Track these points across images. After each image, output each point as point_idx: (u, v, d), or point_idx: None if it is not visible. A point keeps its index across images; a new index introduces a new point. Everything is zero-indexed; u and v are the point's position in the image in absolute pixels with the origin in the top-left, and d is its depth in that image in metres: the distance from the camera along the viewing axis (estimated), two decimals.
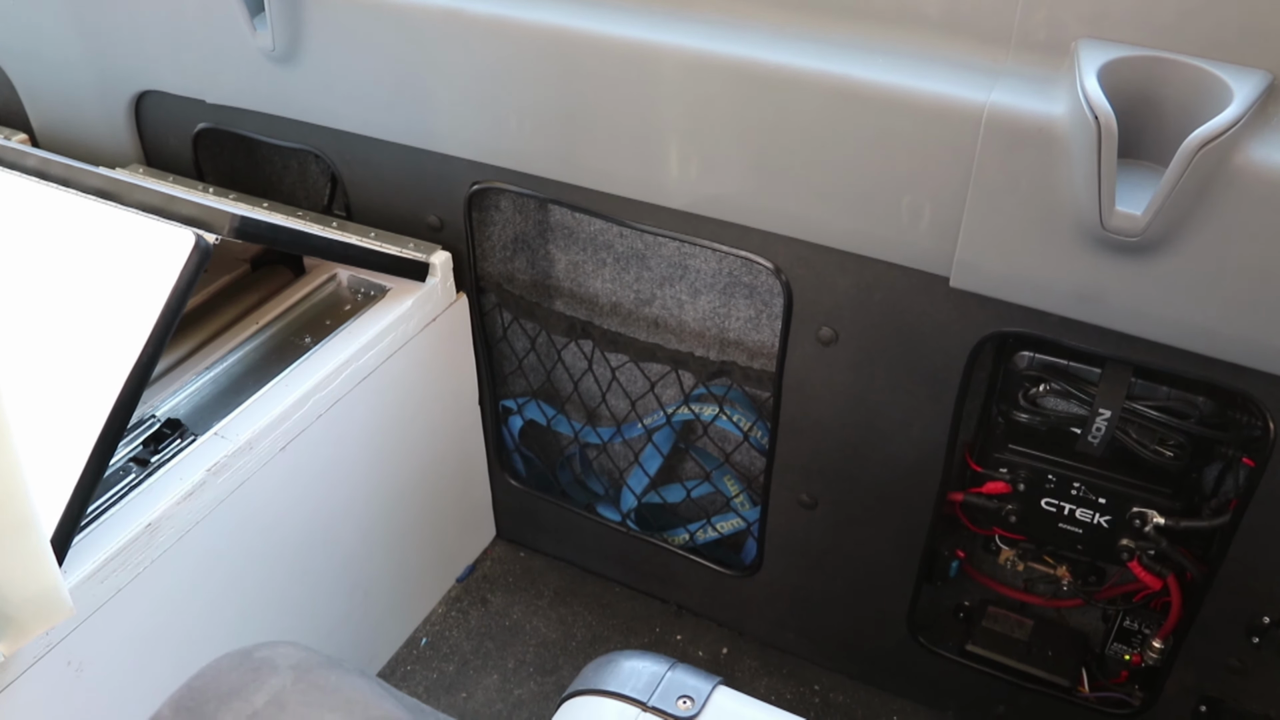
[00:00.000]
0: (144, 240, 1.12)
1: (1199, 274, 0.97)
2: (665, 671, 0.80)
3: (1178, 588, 1.25)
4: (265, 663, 0.72)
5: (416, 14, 1.23)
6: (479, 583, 1.71)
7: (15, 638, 0.95)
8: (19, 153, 1.30)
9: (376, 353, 1.34)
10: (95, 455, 1.03)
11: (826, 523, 1.39)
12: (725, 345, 1.48)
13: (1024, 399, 1.22)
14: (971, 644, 1.42)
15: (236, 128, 1.51)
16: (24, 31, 1.58)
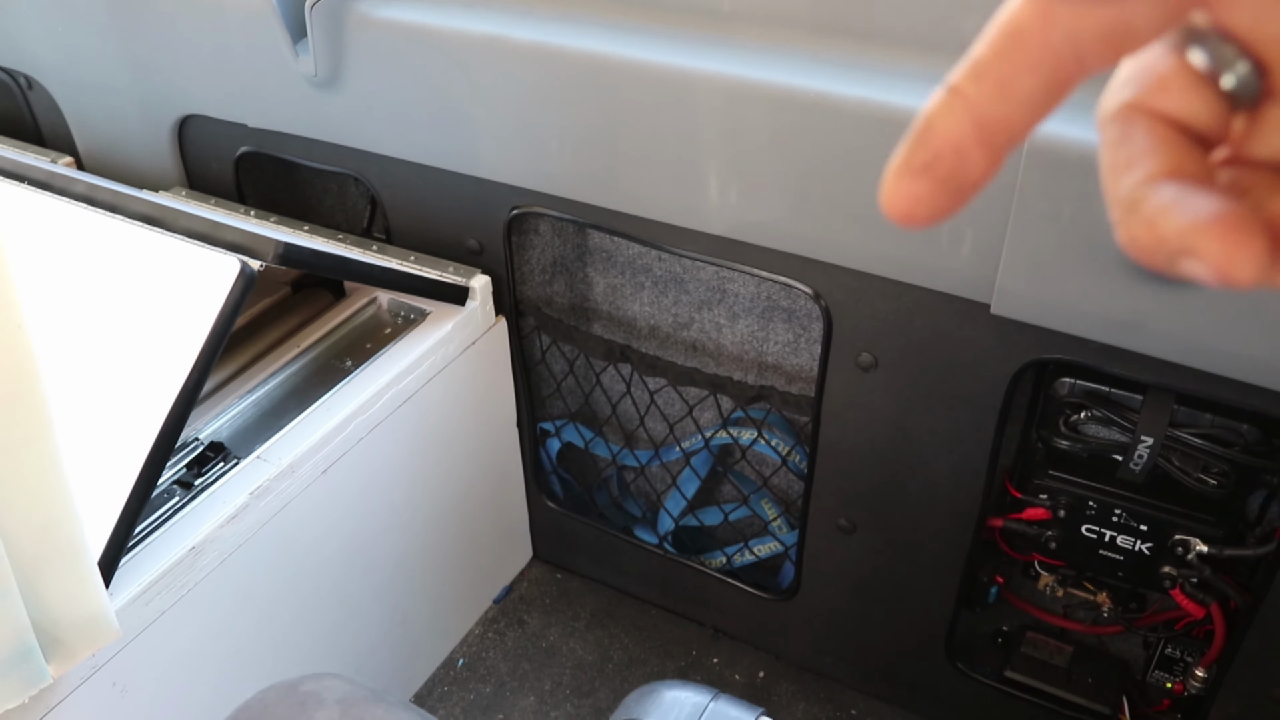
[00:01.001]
0: (190, 267, 1.13)
1: (1242, 301, 0.96)
2: (708, 702, 0.80)
3: (1221, 616, 1.24)
4: (311, 696, 0.73)
5: (458, 41, 1.24)
6: (516, 604, 1.71)
7: (63, 660, 0.96)
8: (67, 179, 1.32)
9: (417, 376, 1.35)
10: (142, 479, 1.04)
11: (865, 547, 1.39)
12: (764, 369, 1.48)
13: (1065, 425, 1.21)
14: (1010, 670, 1.41)
15: (278, 151, 1.52)
16: (70, 57, 1.61)
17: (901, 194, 0.28)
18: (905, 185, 0.27)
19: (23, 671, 0.92)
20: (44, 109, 1.76)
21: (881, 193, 0.28)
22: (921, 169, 0.27)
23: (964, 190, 0.28)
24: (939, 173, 0.27)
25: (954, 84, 0.27)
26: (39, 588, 0.90)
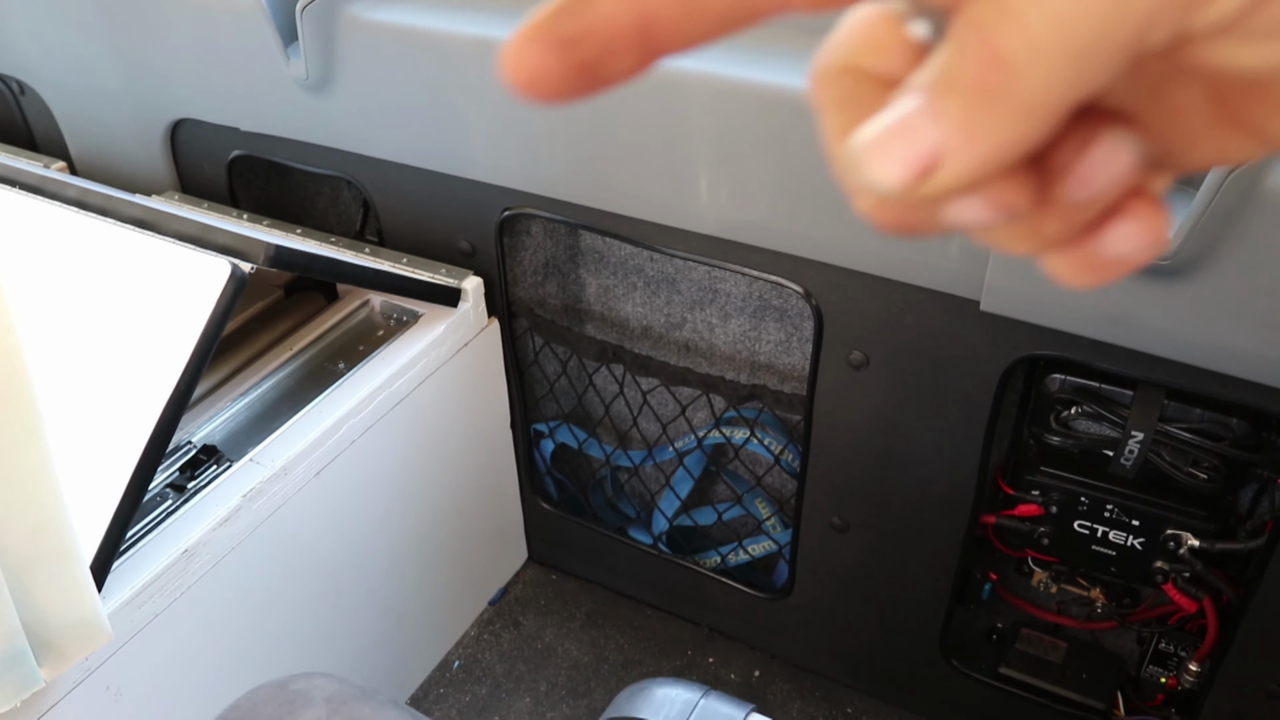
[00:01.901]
0: (181, 269, 1.14)
1: (1231, 296, 0.96)
2: (698, 699, 0.80)
3: (1214, 610, 1.24)
4: (300, 695, 0.73)
5: (449, 43, 1.24)
6: (511, 605, 1.71)
7: (56, 664, 0.96)
8: (59, 183, 1.32)
9: (409, 378, 1.35)
10: (134, 482, 1.04)
11: (858, 545, 1.39)
12: (756, 369, 1.48)
13: (1056, 421, 1.22)
14: (1005, 667, 1.41)
15: (270, 155, 1.53)
16: (63, 63, 1.61)
17: (528, 62, 0.24)
18: (536, 55, 0.24)
19: (14, 675, 0.92)
20: (36, 114, 1.76)
21: (504, 52, 0.24)
22: (561, 43, 0.24)
23: (597, 83, 0.24)
24: (577, 55, 0.24)
25: None
26: (30, 590, 0.90)
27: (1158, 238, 0.25)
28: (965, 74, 0.21)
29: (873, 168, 0.22)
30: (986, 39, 0.21)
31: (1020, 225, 0.25)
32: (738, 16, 0.24)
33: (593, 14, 0.23)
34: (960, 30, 0.21)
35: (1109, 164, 0.24)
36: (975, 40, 0.21)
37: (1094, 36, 0.20)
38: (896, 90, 0.23)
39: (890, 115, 0.22)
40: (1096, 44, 0.20)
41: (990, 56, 0.21)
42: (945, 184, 0.22)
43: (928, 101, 0.22)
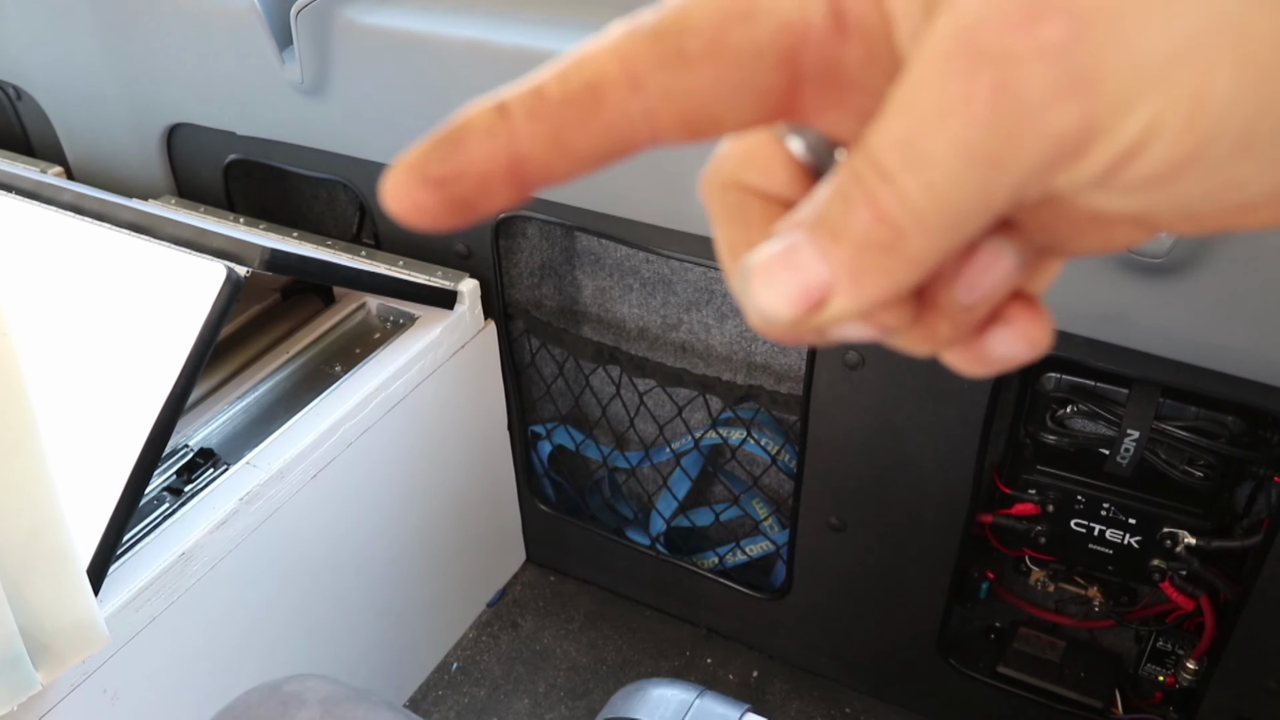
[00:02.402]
0: (177, 273, 1.14)
1: (1225, 294, 0.97)
2: (693, 699, 0.80)
3: (1211, 608, 1.24)
4: (294, 697, 0.73)
5: (443, 46, 1.25)
6: (509, 607, 1.71)
7: (53, 667, 0.96)
8: (55, 188, 1.33)
9: (406, 381, 1.35)
10: (131, 485, 1.04)
11: (856, 545, 1.39)
12: (752, 369, 1.48)
13: (1051, 420, 1.22)
14: (1003, 665, 1.41)
15: (266, 159, 1.53)
16: (59, 67, 1.61)
17: (406, 196, 0.24)
18: (411, 190, 0.24)
19: (11, 678, 0.92)
20: (33, 119, 1.76)
21: (385, 183, 0.24)
22: (435, 181, 0.24)
23: (474, 214, 0.25)
24: (452, 193, 0.24)
25: (506, 104, 0.24)
26: (27, 594, 0.90)
27: (1036, 342, 0.26)
28: (851, 226, 0.22)
29: (761, 296, 0.24)
30: (869, 197, 0.22)
31: (915, 331, 0.26)
32: (608, 152, 0.24)
33: (463, 156, 0.24)
34: (843, 180, 0.22)
35: (991, 270, 0.25)
36: (858, 195, 0.22)
37: (968, 204, 0.21)
38: (782, 211, 0.25)
39: (777, 247, 0.23)
40: (971, 209, 0.21)
41: (874, 215, 0.22)
42: (831, 318, 0.23)
43: (814, 242, 0.23)
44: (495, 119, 0.24)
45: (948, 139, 0.21)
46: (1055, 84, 0.20)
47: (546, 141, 0.24)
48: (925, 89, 0.21)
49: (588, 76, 0.24)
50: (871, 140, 0.22)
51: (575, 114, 0.24)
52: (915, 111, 0.21)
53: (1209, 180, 0.21)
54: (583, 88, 0.24)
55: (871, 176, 0.22)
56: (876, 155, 0.22)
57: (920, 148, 0.21)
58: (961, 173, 0.21)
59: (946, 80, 0.20)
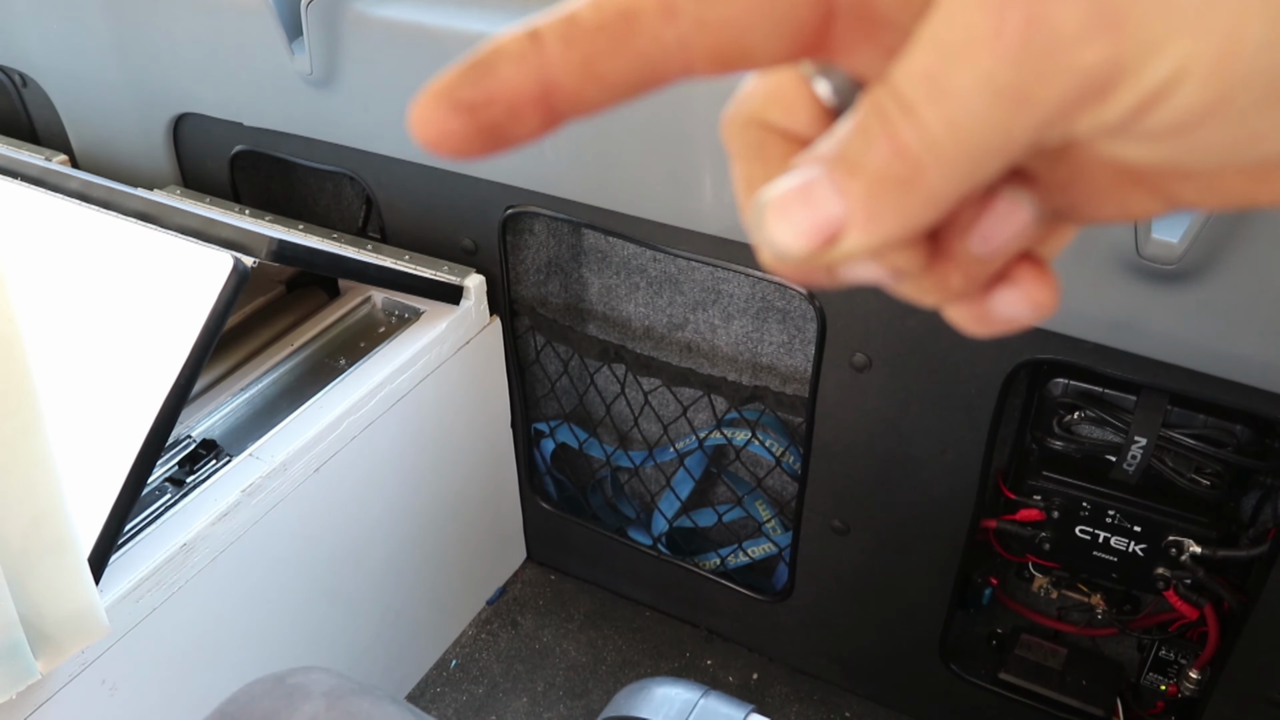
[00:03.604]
0: (183, 263, 1.13)
1: (1236, 301, 0.96)
2: (698, 699, 0.80)
3: (1215, 618, 1.23)
4: (298, 689, 0.73)
5: (453, 39, 1.24)
6: (509, 605, 1.71)
7: (52, 656, 0.96)
8: (62, 175, 1.32)
9: (410, 375, 1.35)
10: (133, 475, 1.04)
11: (859, 548, 1.38)
12: (758, 370, 1.48)
13: (1058, 426, 1.21)
14: (1004, 672, 1.41)
15: (273, 150, 1.52)
16: (66, 55, 1.60)
17: (434, 122, 0.24)
18: (440, 115, 0.24)
19: (10, 667, 0.92)
20: (39, 107, 1.76)
21: (412, 110, 0.24)
22: (465, 106, 0.24)
23: (503, 142, 0.25)
24: (482, 118, 0.24)
25: (539, 31, 0.24)
26: (27, 582, 0.90)
27: (1041, 306, 0.26)
28: (869, 160, 0.22)
29: (774, 230, 0.24)
30: (889, 130, 0.22)
31: (926, 279, 0.26)
32: (639, 82, 0.24)
33: (494, 80, 0.24)
34: (864, 114, 0.22)
35: (1008, 221, 0.25)
36: (878, 129, 0.22)
37: (989, 141, 0.21)
38: (802, 150, 0.24)
39: (793, 182, 0.23)
40: (991, 147, 0.21)
41: (893, 149, 0.22)
42: (844, 254, 0.23)
43: (831, 177, 0.23)
44: (527, 44, 0.23)
45: (974, 73, 0.21)
46: (1086, 21, 0.20)
47: (578, 68, 0.24)
48: (954, 22, 0.21)
49: (622, 4, 0.23)
50: (896, 73, 0.22)
51: (608, 41, 0.23)
52: (942, 44, 0.21)
53: (1233, 131, 0.21)
54: (617, 15, 0.23)
55: (893, 108, 0.22)
56: (899, 87, 0.21)
57: (945, 81, 0.21)
58: (985, 108, 0.21)
59: (976, 13, 0.20)
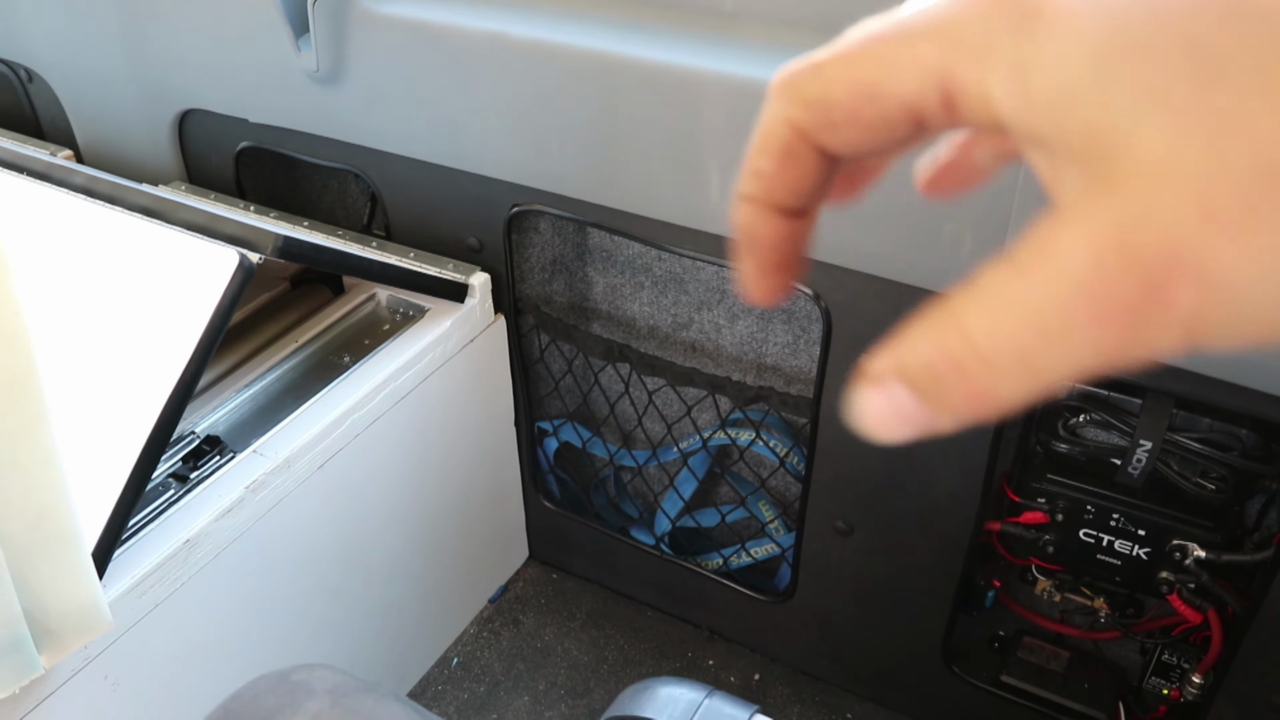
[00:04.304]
0: (189, 258, 1.13)
1: None
2: (702, 699, 0.80)
3: (1219, 622, 1.23)
4: (302, 686, 0.73)
5: (460, 37, 1.24)
6: (511, 604, 1.71)
7: (55, 651, 0.96)
8: (67, 170, 1.32)
9: (415, 373, 1.35)
10: (137, 471, 1.04)
11: (862, 550, 1.38)
12: (763, 370, 1.48)
13: (1063, 429, 1.21)
14: (1006, 675, 1.40)
15: (278, 147, 1.52)
16: (71, 51, 1.60)
17: (756, 291, 0.32)
18: (754, 282, 0.32)
19: (14, 661, 0.92)
20: (44, 102, 1.76)
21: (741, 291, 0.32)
22: (752, 270, 0.32)
23: (790, 271, 0.33)
24: (761, 261, 0.32)
25: (742, 193, 0.32)
26: (31, 577, 0.90)
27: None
28: (947, 395, 0.25)
29: (864, 408, 0.27)
30: (965, 379, 0.24)
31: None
32: (807, 189, 0.32)
33: (742, 233, 0.33)
34: (939, 354, 0.25)
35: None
36: (955, 379, 0.24)
37: (1065, 374, 0.23)
38: (821, 168, 0.31)
39: (879, 393, 0.27)
40: (1068, 375, 0.24)
41: (968, 391, 0.24)
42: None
43: (911, 393, 0.26)
44: (743, 204, 0.32)
45: (1061, 352, 0.23)
46: (1174, 339, 0.22)
47: (762, 186, 0.31)
48: (1057, 293, 0.22)
49: (779, 146, 0.30)
50: (972, 321, 0.24)
51: (785, 175, 0.31)
52: (1034, 314, 0.23)
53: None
54: (782, 154, 0.30)
55: (973, 365, 0.24)
56: (980, 345, 0.24)
57: (1033, 357, 0.23)
58: (1063, 368, 0.23)
59: (1082, 300, 0.22)
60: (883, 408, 0.26)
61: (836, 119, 0.28)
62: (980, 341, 0.23)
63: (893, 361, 0.26)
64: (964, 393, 0.24)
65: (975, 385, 0.24)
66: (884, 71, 0.27)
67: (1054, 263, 0.22)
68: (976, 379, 0.24)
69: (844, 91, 0.28)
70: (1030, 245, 0.23)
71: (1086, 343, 0.22)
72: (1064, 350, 0.23)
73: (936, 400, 0.25)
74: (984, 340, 0.23)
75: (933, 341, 0.25)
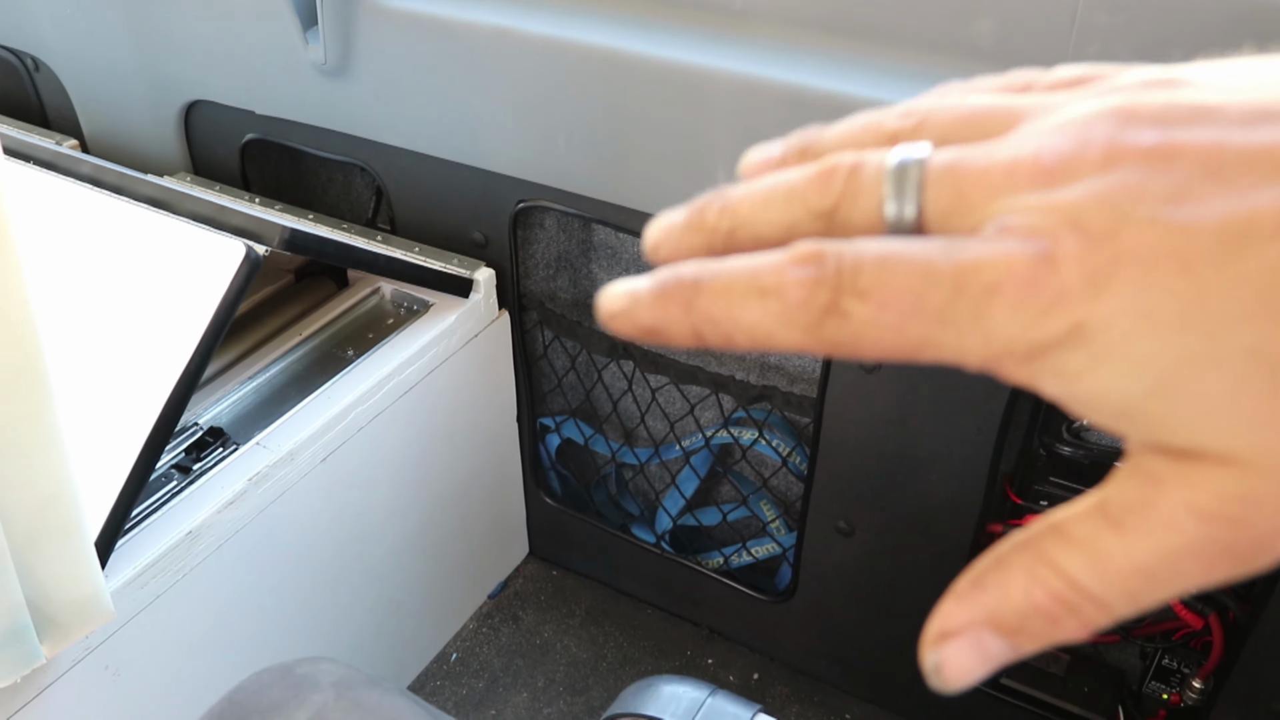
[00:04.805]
0: (195, 250, 1.13)
1: None
2: (705, 698, 0.80)
3: (1220, 627, 1.23)
4: (307, 679, 0.72)
5: (469, 32, 1.24)
6: (511, 600, 1.71)
7: (57, 640, 0.96)
8: (74, 160, 1.32)
9: (418, 368, 1.34)
10: (141, 461, 1.04)
11: (863, 550, 1.38)
12: (766, 370, 1.48)
13: (1067, 431, 1.21)
14: (1005, 677, 1.40)
15: (285, 139, 1.52)
16: (78, 40, 1.60)
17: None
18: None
19: (16, 650, 0.91)
20: (50, 91, 1.75)
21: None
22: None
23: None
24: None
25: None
26: (34, 566, 0.90)
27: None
28: (1056, 628, 0.26)
29: (949, 671, 0.27)
30: (1073, 618, 0.26)
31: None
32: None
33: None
34: (1036, 593, 0.26)
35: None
36: (1059, 616, 0.26)
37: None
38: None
39: (962, 643, 0.27)
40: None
41: (1067, 630, 0.26)
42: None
43: (996, 632, 0.26)
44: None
45: (1169, 590, 0.24)
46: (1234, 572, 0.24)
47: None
48: (1167, 553, 0.24)
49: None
50: (1069, 563, 0.25)
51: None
52: (1143, 567, 0.24)
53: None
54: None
55: (1092, 612, 0.25)
56: (1100, 597, 0.25)
57: (1142, 596, 0.24)
58: (1168, 597, 0.25)
59: (1192, 559, 0.24)
60: (970, 659, 0.27)
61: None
62: (1091, 588, 0.24)
63: (981, 613, 0.26)
64: (1070, 626, 0.25)
65: (1082, 620, 0.25)
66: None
67: (1161, 524, 0.23)
68: (1086, 616, 0.25)
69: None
70: (1130, 496, 0.24)
71: (1193, 585, 0.24)
72: (1170, 591, 0.24)
73: (1035, 638, 0.26)
74: (1094, 587, 0.24)
75: (1038, 593, 0.25)
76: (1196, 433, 0.22)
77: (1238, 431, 0.22)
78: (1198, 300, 0.22)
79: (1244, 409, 0.22)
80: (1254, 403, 0.22)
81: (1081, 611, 0.25)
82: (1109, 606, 0.24)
